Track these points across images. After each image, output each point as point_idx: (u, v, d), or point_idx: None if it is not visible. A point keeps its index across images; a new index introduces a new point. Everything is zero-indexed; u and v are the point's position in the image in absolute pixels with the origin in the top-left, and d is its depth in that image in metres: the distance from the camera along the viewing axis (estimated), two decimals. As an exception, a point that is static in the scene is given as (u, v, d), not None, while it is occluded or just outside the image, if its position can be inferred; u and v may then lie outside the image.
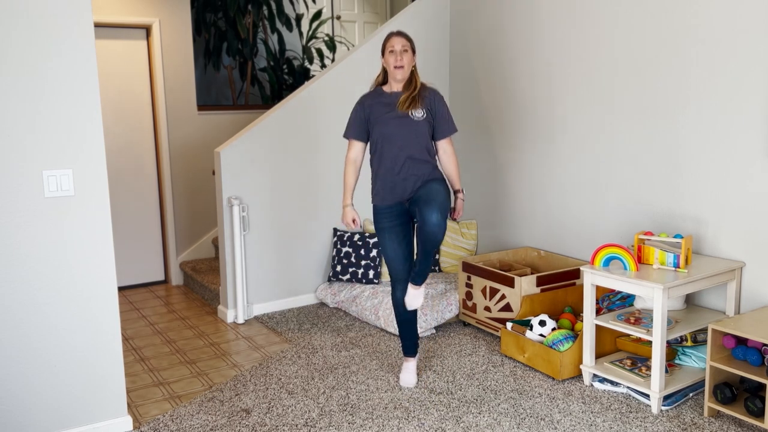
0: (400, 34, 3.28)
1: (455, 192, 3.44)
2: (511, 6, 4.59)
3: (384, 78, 3.38)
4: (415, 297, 3.36)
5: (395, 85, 3.31)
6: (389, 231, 3.34)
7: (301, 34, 6.98)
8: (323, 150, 4.85)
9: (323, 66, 6.92)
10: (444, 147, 3.37)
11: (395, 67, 3.22)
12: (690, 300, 3.63)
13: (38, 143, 2.77)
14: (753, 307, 3.36)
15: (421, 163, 3.28)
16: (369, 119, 3.32)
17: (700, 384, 3.35)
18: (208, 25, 6.23)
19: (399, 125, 3.24)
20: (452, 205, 3.41)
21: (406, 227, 3.39)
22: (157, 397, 3.50)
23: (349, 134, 3.38)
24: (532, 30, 4.44)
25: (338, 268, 4.81)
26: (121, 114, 5.44)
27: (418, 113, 3.24)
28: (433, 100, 3.30)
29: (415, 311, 3.51)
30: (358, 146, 3.37)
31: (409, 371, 3.52)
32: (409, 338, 3.53)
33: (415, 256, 3.34)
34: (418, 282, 3.31)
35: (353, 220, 3.38)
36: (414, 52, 3.28)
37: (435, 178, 3.31)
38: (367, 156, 4.35)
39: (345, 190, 3.38)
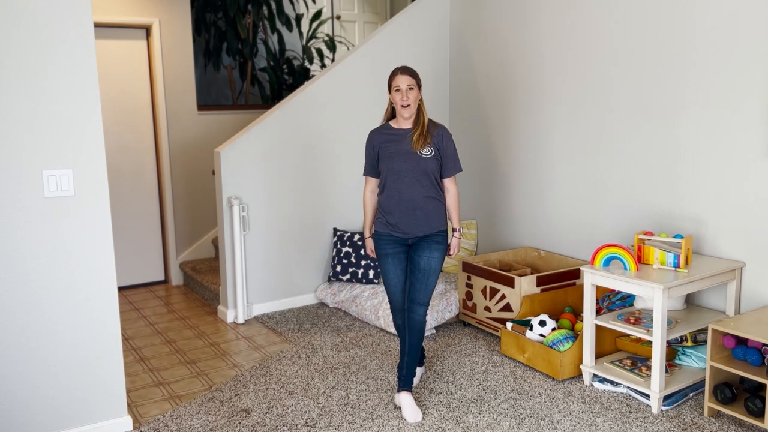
0: (405, 71, 3.29)
1: (453, 230, 3.46)
2: (511, 5, 4.59)
3: (392, 113, 3.44)
4: (412, 408, 3.18)
5: (403, 122, 3.36)
6: (392, 257, 3.36)
7: (301, 34, 6.98)
8: (323, 150, 4.85)
9: (323, 66, 6.92)
10: (447, 186, 3.41)
11: (402, 106, 3.27)
12: (690, 300, 3.63)
13: (38, 143, 2.77)
14: (753, 307, 3.36)
15: (428, 200, 3.32)
16: (378, 155, 3.40)
17: (700, 384, 3.35)
18: (208, 25, 6.23)
19: (405, 160, 3.29)
20: (448, 242, 3.43)
21: (407, 255, 3.42)
22: (157, 397, 3.50)
23: (364, 172, 3.50)
24: (532, 28, 4.44)
25: (338, 268, 4.80)
26: (121, 114, 5.44)
27: (426, 151, 3.29)
28: (441, 138, 3.34)
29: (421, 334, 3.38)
30: (373, 182, 3.48)
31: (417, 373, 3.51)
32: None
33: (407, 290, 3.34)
34: (408, 384, 3.22)
35: (371, 250, 3.52)
36: (420, 87, 3.32)
37: (439, 233, 3.32)
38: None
39: (365, 223, 3.52)
